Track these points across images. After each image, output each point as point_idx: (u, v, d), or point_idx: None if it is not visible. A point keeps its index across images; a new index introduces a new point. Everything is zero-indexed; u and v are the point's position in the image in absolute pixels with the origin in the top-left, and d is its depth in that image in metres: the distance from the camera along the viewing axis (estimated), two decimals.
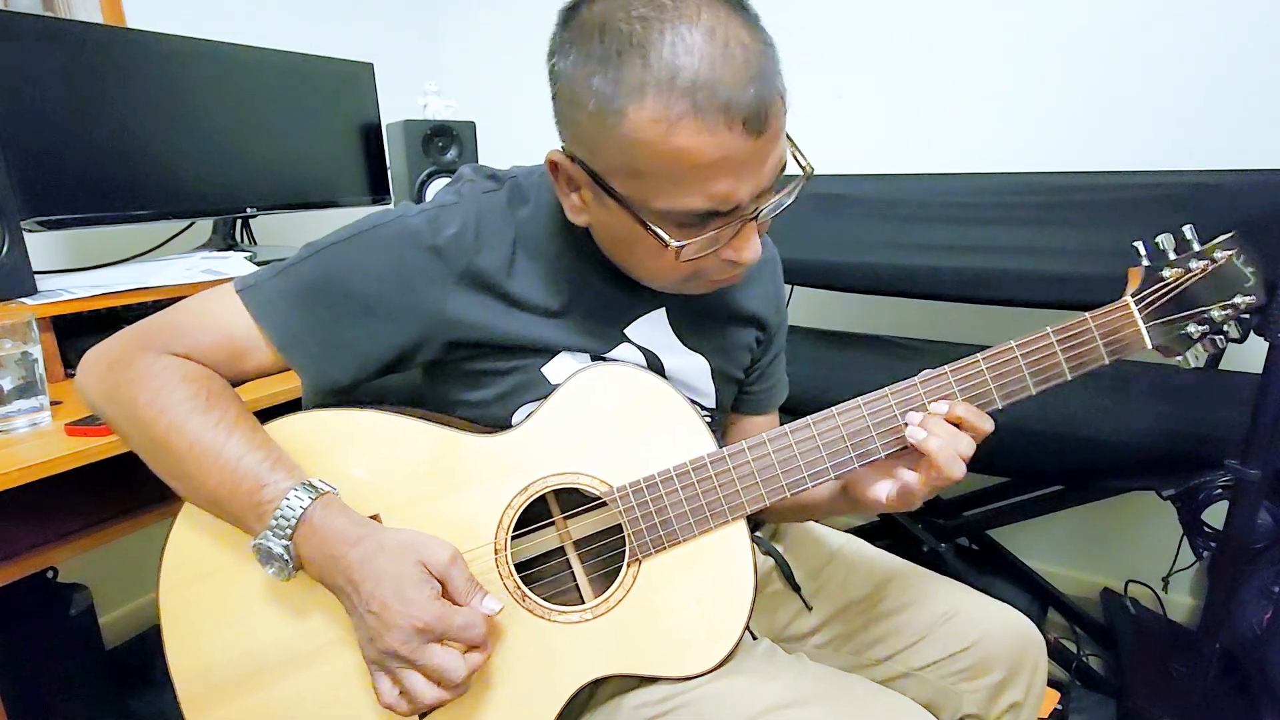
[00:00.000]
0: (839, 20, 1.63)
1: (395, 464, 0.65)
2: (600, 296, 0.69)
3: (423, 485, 0.65)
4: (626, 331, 0.71)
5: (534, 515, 0.68)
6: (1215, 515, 1.05)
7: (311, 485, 0.59)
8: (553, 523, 0.70)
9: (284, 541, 0.57)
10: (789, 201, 0.60)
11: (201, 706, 0.63)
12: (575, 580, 0.69)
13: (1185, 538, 1.12)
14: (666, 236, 0.56)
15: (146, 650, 1.51)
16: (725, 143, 0.52)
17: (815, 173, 0.60)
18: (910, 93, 1.61)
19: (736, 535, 0.66)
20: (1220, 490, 1.04)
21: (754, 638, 0.73)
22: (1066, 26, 1.45)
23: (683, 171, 0.53)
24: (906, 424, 0.64)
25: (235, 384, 0.65)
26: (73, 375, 1.12)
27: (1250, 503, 1.00)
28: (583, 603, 0.65)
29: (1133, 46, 1.40)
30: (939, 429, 0.62)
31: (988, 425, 0.64)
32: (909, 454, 0.65)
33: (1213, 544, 1.09)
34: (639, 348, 0.71)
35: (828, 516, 0.83)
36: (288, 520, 0.57)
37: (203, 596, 0.63)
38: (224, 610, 0.63)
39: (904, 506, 0.65)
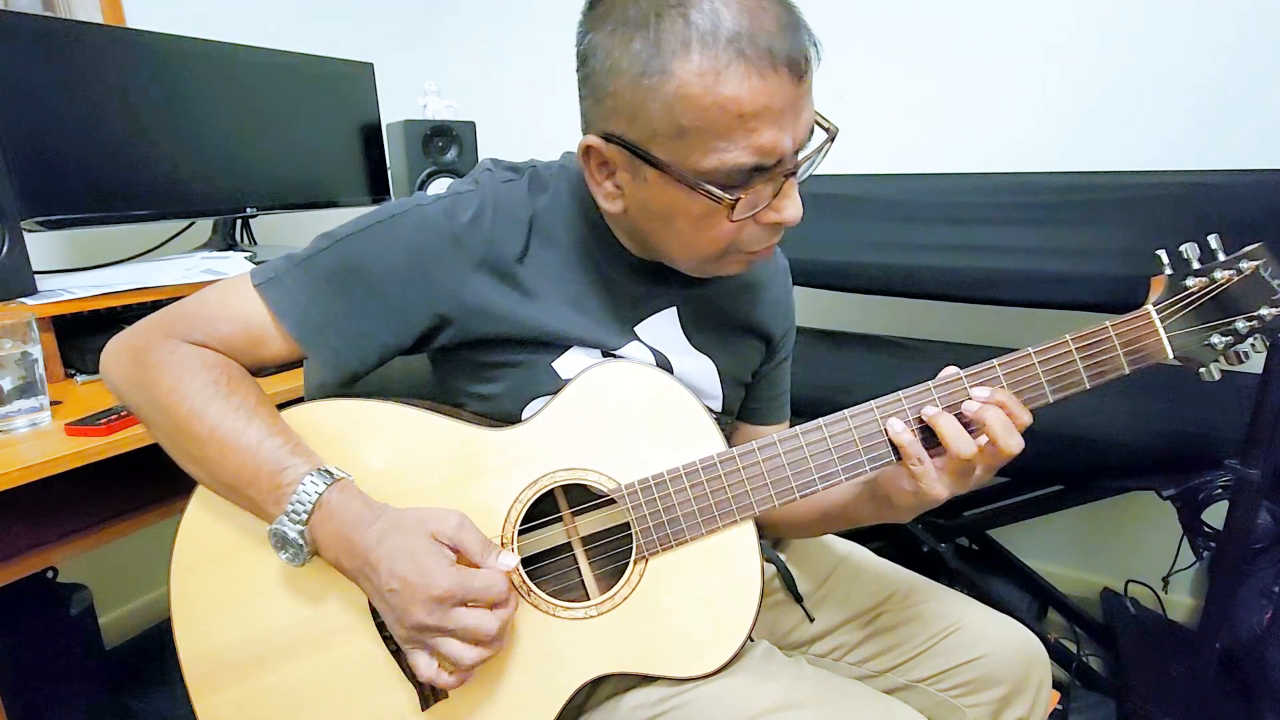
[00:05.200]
0: (840, 20, 1.63)
1: (407, 454, 0.65)
2: (614, 291, 0.69)
3: (432, 476, 0.65)
4: (637, 329, 0.71)
5: (542, 511, 0.68)
6: (1215, 515, 1.05)
7: (327, 471, 0.60)
8: (560, 518, 0.70)
9: (299, 527, 0.58)
10: (819, 161, 0.60)
11: (208, 688, 0.63)
12: (581, 577, 0.69)
13: (1185, 538, 1.12)
14: (720, 192, 0.56)
15: (146, 650, 1.52)
16: (771, 88, 0.53)
17: (839, 132, 0.60)
18: (911, 93, 1.61)
19: (744, 536, 0.66)
20: (1220, 490, 1.03)
21: (751, 640, 0.73)
22: (1067, 26, 1.45)
23: (730, 123, 0.53)
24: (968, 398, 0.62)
25: (255, 372, 0.66)
26: (73, 375, 1.12)
27: (1250, 503, 1.00)
28: (588, 600, 0.65)
29: (1133, 46, 1.40)
30: (990, 407, 0.61)
31: (1026, 417, 0.62)
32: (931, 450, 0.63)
33: (1213, 544, 1.09)
34: (649, 347, 0.71)
35: (854, 524, 0.79)
36: (304, 505, 0.58)
37: (214, 579, 0.64)
38: (234, 593, 0.64)
39: (942, 493, 0.63)
